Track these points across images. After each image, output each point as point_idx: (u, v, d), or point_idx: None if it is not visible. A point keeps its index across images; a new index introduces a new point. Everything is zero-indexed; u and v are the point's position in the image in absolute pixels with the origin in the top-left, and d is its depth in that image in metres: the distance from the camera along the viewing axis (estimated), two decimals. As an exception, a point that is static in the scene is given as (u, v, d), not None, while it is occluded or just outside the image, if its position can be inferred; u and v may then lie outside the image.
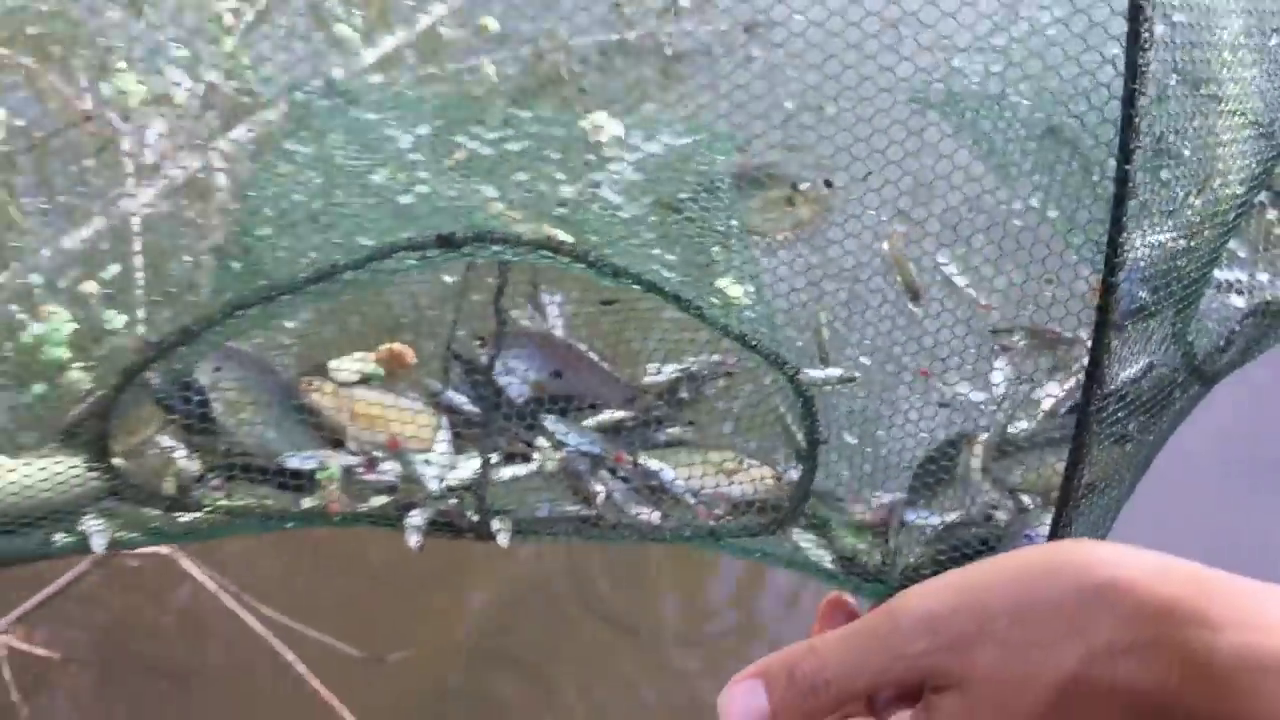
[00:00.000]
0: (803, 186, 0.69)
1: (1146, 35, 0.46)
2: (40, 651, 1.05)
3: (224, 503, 0.58)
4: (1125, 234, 0.46)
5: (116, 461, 0.56)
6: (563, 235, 0.53)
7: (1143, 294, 0.59)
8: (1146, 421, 0.57)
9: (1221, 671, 0.39)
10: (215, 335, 0.51)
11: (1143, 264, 0.60)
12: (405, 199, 0.55)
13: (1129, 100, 0.45)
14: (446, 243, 0.46)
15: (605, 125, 0.57)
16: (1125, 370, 0.52)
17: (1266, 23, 0.65)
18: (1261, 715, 0.39)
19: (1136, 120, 0.45)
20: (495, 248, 0.48)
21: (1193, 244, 0.61)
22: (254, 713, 1.20)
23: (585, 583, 1.30)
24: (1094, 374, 0.48)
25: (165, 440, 0.61)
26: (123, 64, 0.66)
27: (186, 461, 0.60)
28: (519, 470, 0.63)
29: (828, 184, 0.72)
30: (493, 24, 0.69)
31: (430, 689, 1.15)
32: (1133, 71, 0.48)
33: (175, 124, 0.66)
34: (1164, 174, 0.64)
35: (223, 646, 1.20)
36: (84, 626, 1.15)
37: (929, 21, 0.64)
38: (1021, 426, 0.69)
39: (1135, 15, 0.47)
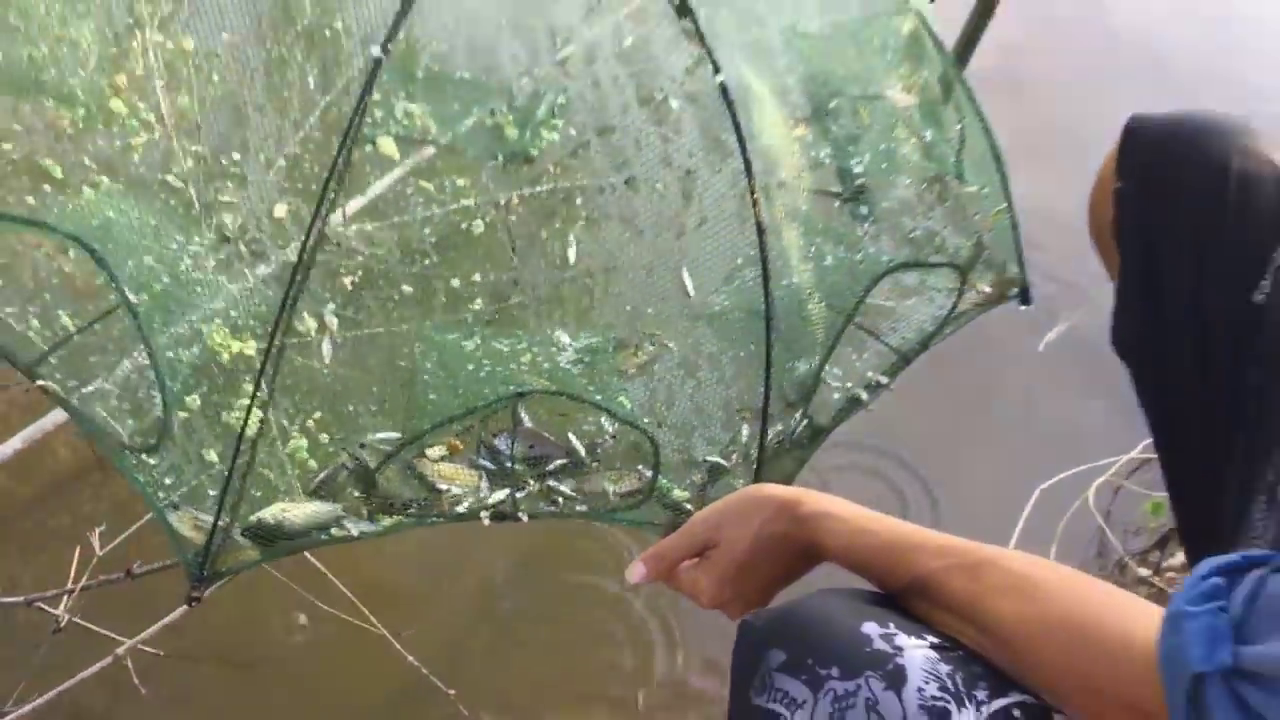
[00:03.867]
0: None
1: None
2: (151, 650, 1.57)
3: (395, 518, 1.26)
4: (772, 390, 1.22)
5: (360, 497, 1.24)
6: (546, 384, 1.25)
7: (795, 398, 1.37)
8: (800, 451, 1.35)
9: (802, 518, 0.97)
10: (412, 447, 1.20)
11: (788, 389, 1.37)
12: (482, 373, 1.26)
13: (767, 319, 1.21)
14: (520, 395, 1.18)
15: (563, 336, 1.29)
16: (787, 429, 1.29)
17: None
18: (816, 535, 0.96)
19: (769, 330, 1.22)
20: (535, 394, 1.20)
21: (817, 375, 1.38)
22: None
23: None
24: (762, 438, 1.24)
25: (356, 491, 1.29)
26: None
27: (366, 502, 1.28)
28: (525, 492, 1.34)
29: (653, 341, 1.47)
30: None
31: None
32: (769, 310, 1.26)
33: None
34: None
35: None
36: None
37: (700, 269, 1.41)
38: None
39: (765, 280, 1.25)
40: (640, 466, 1.35)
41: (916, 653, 0.83)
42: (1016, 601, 0.83)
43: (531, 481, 1.33)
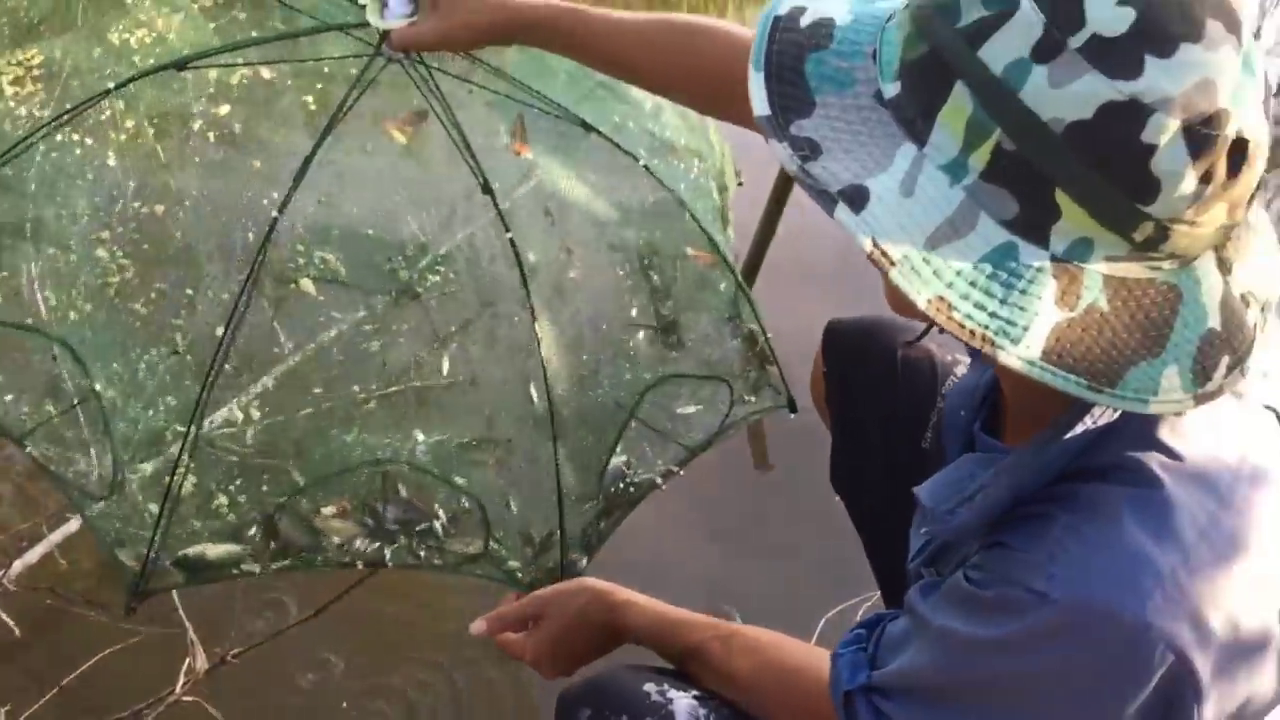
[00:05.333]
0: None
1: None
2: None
3: (289, 559, 1.68)
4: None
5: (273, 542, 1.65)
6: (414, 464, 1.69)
7: (609, 482, 1.80)
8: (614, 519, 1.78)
9: (611, 605, 1.27)
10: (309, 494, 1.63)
11: (605, 476, 1.81)
12: (356, 453, 1.69)
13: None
14: (377, 463, 1.62)
15: (421, 435, 1.73)
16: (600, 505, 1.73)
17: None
18: (620, 618, 1.27)
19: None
20: (389, 464, 1.63)
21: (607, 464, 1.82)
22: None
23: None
24: (561, 524, 1.67)
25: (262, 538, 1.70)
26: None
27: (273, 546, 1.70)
28: (395, 545, 1.75)
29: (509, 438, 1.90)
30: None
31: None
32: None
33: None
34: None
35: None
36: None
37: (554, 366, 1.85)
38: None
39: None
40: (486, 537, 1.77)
41: (682, 701, 1.16)
42: (749, 659, 1.16)
43: (401, 539, 1.75)
